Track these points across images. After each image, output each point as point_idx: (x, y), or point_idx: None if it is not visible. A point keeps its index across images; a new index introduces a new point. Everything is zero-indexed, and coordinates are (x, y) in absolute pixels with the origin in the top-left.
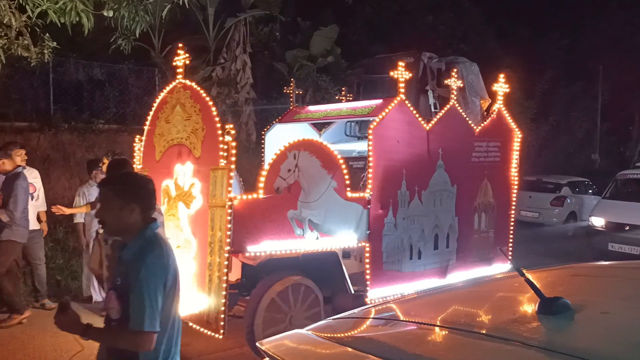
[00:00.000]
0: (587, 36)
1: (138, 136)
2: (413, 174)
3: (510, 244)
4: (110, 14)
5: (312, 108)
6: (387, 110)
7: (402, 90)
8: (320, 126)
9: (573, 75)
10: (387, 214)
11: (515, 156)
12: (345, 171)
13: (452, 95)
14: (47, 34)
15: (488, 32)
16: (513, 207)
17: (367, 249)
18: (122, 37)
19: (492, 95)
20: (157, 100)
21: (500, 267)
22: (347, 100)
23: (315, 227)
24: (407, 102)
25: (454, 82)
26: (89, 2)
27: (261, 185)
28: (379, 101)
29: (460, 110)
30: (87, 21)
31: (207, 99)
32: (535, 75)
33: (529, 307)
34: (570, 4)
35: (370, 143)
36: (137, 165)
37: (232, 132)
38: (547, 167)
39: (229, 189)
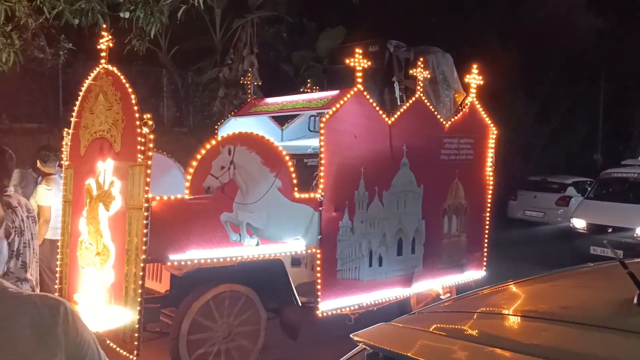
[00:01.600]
0: (590, 37)
1: (66, 129)
2: (373, 172)
3: (485, 249)
4: (127, 15)
5: (270, 100)
6: (341, 102)
7: (360, 80)
8: (283, 121)
9: (576, 76)
10: (342, 217)
11: (490, 154)
12: (292, 169)
13: (419, 87)
14: (63, 35)
15: (492, 33)
16: (488, 209)
17: (319, 255)
18: (136, 38)
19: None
20: (83, 89)
21: (474, 274)
22: (314, 92)
23: (255, 231)
24: (365, 93)
25: (420, 73)
26: (103, 3)
27: (187, 184)
28: (336, 92)
29: (428, 104)
30: (103, 22)
31: (127, 85)
32: (537, 76)
33: (628, 299)
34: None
35: (322, 138)
36: (65, 162)
37: (150, 122)
38: (550, 168)
39: (146, 188)
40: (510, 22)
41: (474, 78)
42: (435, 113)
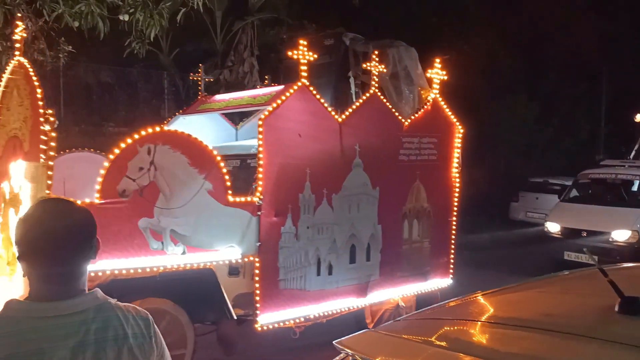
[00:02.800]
0: (592, 37)
1: None
2: (320, 174)
3: (452, 256)
4: (126, 17)
5: (218, 97)
6: (283, 98)
7: (305, 74)
8: (237, 120)
9: (577, 77)
10: (284, 222)
11: (456, 154)
12: (224, 170)
13: (373, 82)
14: (63, 38)
15: (492, 34)
16: (455, 213)
17: (257, 264)
18: (136, 40)
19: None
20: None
21: (439, 282)
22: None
23: (181, 239)
24: (311, 88)
25: (374, 67)
26: (103, 6)
27: (98, 187)
28: (280, 87)
29: (384, 100)
30: (102, 25)
31: (35, 78)
32: (539, 76)
33: (609, 306)
34: (575, 5)
35: (261, 137)
36: None
37: (52, 119)
38: (551, 169)
39: (47, 191)
40: (511, 23)
41: (437, 73)
42: (393, 110)
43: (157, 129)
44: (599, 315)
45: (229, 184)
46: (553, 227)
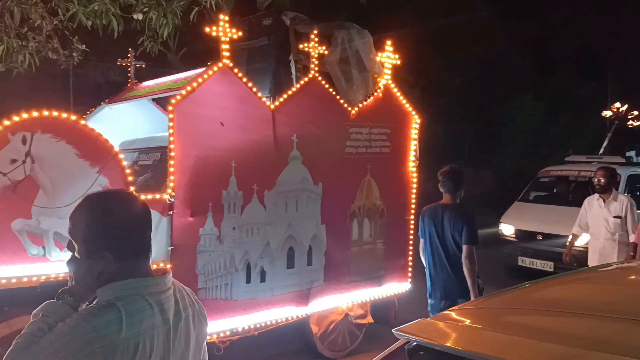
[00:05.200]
0: (600, 37)
1: None
2: (249, 168)
3: (410, 258)
4: (140, 16)
5: (145, 83)
6: (199, 81)
7: (227, 54)
8: None
9: (584, 77)
10: (203, 223)
11: (413, 147)
12: (124, 163)
13: (312, 65)
14: (77, 37)
15: (501, 34)
16: (412, 211)
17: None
18: (148, 39)
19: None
20: None
21: (396, 287)
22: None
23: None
24: (236, 71)
25: (313, 48)
26: (116, 5)
27: None
28: (201, 70)
29: (326, 85)
30: (117, 24)
31: None
32: (546, 76)
33: None
34: (583, 5)
35: (172, 125)
36: None
37: None
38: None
39: None
40: (519, 22)
41: (388, 57)
42: (337, 97)
43: (35, 113)
44: None
45: (130, 178)
46: (507, 230)
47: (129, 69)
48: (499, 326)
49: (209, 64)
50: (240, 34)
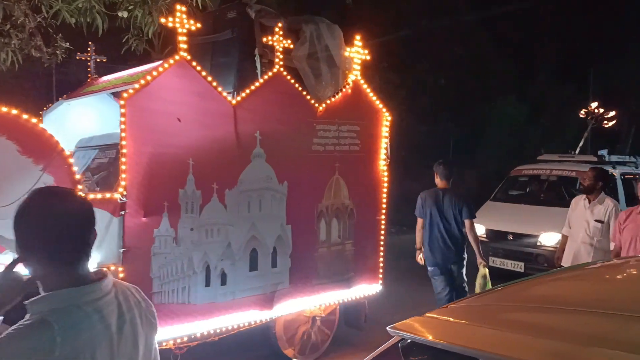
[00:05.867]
0: (580, 39)
1: None
2: (208, 166)
3: (381, 259)
4: (125, 14)
5: (104, 78)
6: (154, 74)
7: (184, 46)
8: None
9: (565, 78)
10: (158, 224)
11: (384, 145)
12: (71, 160)
13: (277, 59)
14: (60, 35)
15: (483, 36)
16: (383, 211)
17: (122, 275)
18: (133, 37)
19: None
20: None
21: (367, 289)
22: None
23: (9, 245)
24: (194, 64)
25: (278, 42)
26: (101, 2)
27: None
28: (158, 63)
29: (292, 81)
30: (101, 22)
31: None
32: (528, 77)
33: None
34: (565, 8)
35: (124, 120)
36: None
37: None
38: None
39: None
40: (501, 25)
41: (357, 52)
42: (304, 93)
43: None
44: None
45: (77, 177)
46: (478, 230)
47: (89, 64)
48: (494, 323)
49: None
50: (198, 25)
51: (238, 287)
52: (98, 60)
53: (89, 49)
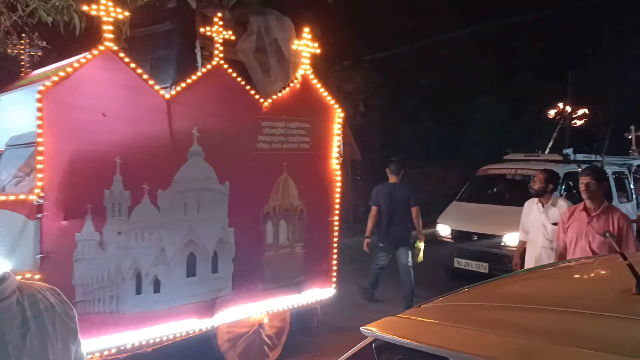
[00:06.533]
0: (559, 40)
1: None
2: (139, 165)
3: (334, 262)
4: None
5: (36, 71)
6: (76, 66)
7: (110, 36)
8: None
9: (545, 78)
10: (80, 228)
11: (337, 142)
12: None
13: (217, 51)
14: (37, 33)
15: (464, 36)
16: (337, 212)
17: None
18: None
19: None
20: None
21: (319, 293)
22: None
23: None
24: (122, 55)
25: (217, 33)
26: (77, 1)
27: None
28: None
29: (233, 74)
30: (78, 20)
31: None
32: (508, 78)
33: (627, 289)
34: (543, 9)
35: (41, 116)
36: None
37: None
38: None
39: None
40: (482, 26)
41: (306, 45)
42: (248, 87)
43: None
44: (617, 296)
45: None
46: (443, 230)
47: (21, 57)
48: (467, 322)
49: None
50: (126, 14)
51: (174, 294)
52: (32, 53)
53: (22, 41)
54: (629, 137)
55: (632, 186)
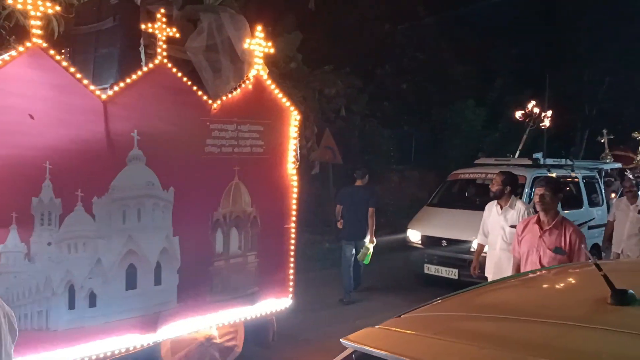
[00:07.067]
0: (536, 46)
1: None
2: (71, 170)
3: (292, 271)
4: None
5: None
6: None
7: (37, 32)
8: None
9: (522, 83)
10: (4, 239)
11: (293, 147)
12: None
13: (160, 49)
14: (14, 37)
15: (443, 41)
16: (293, 219)
17: None
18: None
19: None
20: None
21: (274, 304)
22: None
23: None
24: (52, 52)
25: (160, 30)
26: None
27: None
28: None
29: (178, 74)
30: (57, 24)
31: None
32: (486, 83)
33: (601, 298)
34: (520, 15)
35: None
36: None
37: None
38: None
39: None
40: (460, 30)
41: (259, 44)
42: (195, 88)
43: None
44: (592, 306)
45: None
46: (413, 236)
47: None
48: (446, 333)
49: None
50: (57, 8)
51: (112, 308)
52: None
53: None
54: (602, 141)
55: (602, 190)
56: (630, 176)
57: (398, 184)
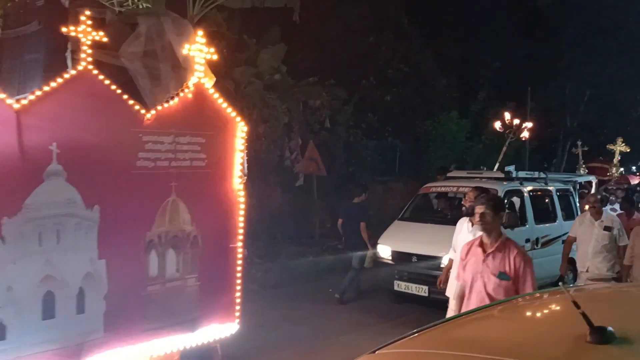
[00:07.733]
0: (518, 59)
1: None
2: None
3: (238, 294)
4: None
5: None
6: None
7: None
8: None
9: (504, 96)
10: None
11: (240, 159)
12: None
13: (84, 54)
14: None
15: (427, 53)
16: (240, 238)
17: None
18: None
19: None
20: None
21: (218, 331)
22: None
23: None
24: None
25: (85, 33)
26: None
27: None
28: None
29: (105, 81)
30: None
31: None
32: (470, 95)
33: (579, 336)
34: (502, 28)
35: None
36: None
37: None
38: None
39: None
40: (445, 43)
41: (200, 50)
42: (124, 97)
43: None
44: (571, 345)
45: None
46: (384, 251)
47: None
48: None
49: None
50: None
51: (25, 340)
52: None
53: None
54: (576, 152)
55: (577, 203)
56: (611, 187)
57: (382, 195)
